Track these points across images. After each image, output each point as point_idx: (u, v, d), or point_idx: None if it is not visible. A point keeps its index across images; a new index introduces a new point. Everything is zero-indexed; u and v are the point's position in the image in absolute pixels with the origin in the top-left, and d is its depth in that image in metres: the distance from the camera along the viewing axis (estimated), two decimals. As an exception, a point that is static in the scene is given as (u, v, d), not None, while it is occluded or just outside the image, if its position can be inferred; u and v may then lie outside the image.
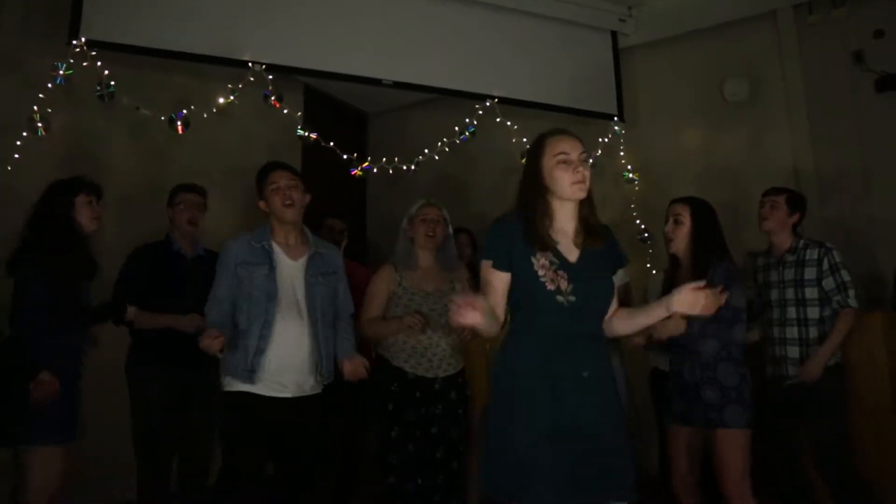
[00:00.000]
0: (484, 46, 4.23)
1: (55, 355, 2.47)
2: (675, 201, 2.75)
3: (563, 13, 4.40)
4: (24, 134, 3.11)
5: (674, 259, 2.74)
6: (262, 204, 2.67)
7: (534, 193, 1.96)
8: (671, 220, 2.70)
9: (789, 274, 2.97)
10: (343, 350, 2.69)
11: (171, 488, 3.11)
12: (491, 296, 1.91)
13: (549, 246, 1.91)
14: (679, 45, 4.62)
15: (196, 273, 3.03)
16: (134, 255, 3.13)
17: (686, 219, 2.66)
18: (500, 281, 1.92)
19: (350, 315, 2.80)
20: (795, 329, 2.93)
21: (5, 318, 2.51)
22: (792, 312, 2.94)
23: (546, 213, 1.94)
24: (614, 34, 4.62)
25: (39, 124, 3.12)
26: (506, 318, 1.99)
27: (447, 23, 4.15)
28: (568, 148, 1.95)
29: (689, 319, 2.47)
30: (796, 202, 3.05)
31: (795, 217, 3.03)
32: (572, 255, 1.95)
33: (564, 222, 1.98)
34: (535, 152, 1.99)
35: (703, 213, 2.68)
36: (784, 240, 3.03)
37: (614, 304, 2.05)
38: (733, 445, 2.46)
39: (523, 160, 2.20)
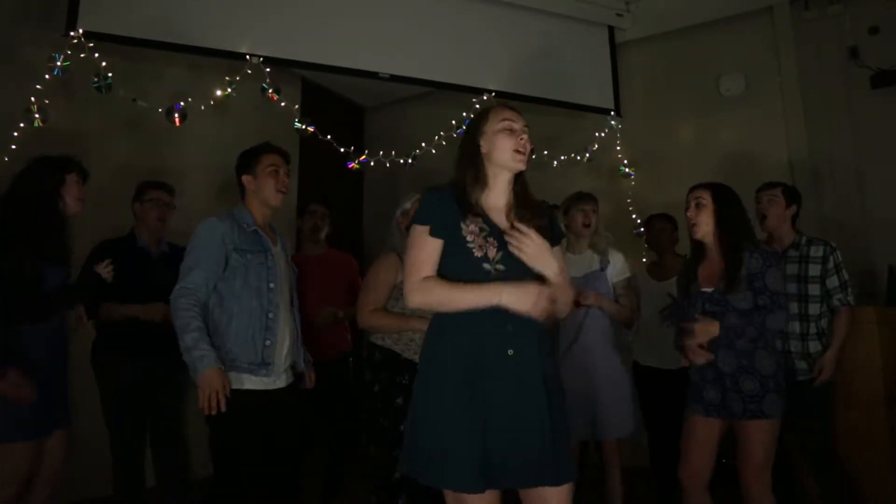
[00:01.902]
0: (481, 40, 4.23)
1: (14, 345, 2.33)
2: (695, 187, 2.66)
3: (560, 8, 4.40)
4: (22, 125, 3.11)
5: (698, 245, 2.65)
6: (247, 179, 2.52)
7: (470, 161, 1.91)
8: (692, 205, 2.60)
9: (792, 269, 2.94)
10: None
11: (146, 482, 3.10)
12: (425, 266, 1.83)
13: (479, 212, 1.86)
14: (675, 40, 4.63)
15: (161, 271, 2.98)
16: (97, 250, 3.03)
17: (707, 201, 2.57)
18: (433, 248, 1.84)
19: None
20: (797, 324, 2.90)
21: None
22: (794, 307, 2.90)
23: (479, 180, 1.89)
24: (611, 29, 4.63)
25: (37, 115, 3.12)
26: None
27: (444, 16, 4.15)
28: (513, 117, 1.93)
29: (724, 306, 2.45)
30: (792, 194, 3.03)
31: (793, 209, 3.01)
32: (501, 224, 1.89)
33: (497, 195, 1.92)
34: (477, 120, 1.97)
35: (724, 195, 2.59)
36: (785, 234, 3.00)
37: None
38: (765, 436, 2.40)
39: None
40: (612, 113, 4.48)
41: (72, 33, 3.22)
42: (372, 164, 3.98)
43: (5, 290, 2.29)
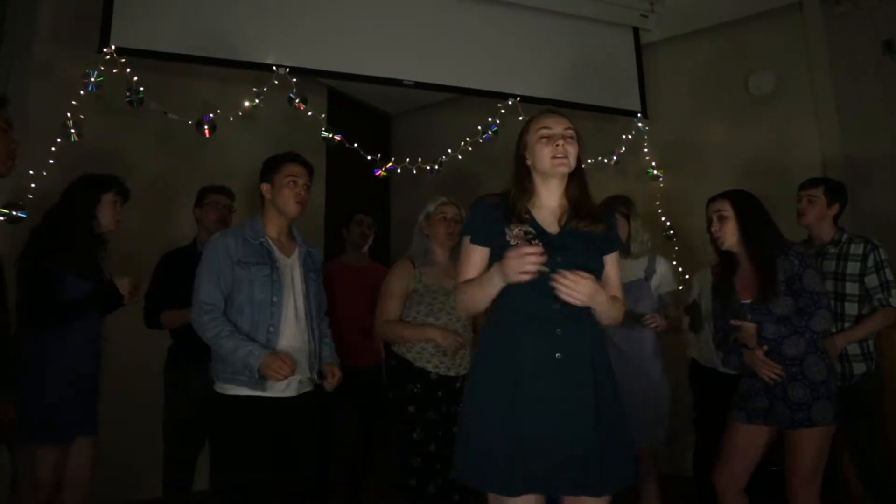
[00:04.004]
0: (505, 45, 4.23)
1: (49, 351, 2.45)
2: (713, 199, 2.63)
3: (584, 10, 4.38)
4: (59, 140, 3.19)
5: (729, 256, 2.61)
6: (265, 188, 2.51)
7: (519, 172, 1.97)
8: (714, 219, 2.57)
9: (829, 266, 2.86)
10: (326, 356, 2.59)
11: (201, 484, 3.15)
12: (469, 272, 1.91)
13: (522, 217, 1.88)
14: (702, 39, 4.58)
15: None
16: (162, 262, 3.19)
17: (729, 212, 2.54)
18: (478, 256, 1.92)
19: (325, 312, 2.70)
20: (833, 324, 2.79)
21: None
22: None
23: (526, 189, 1.94)
24: (636, 30, 4.59)
25: (72, 130, 3.19)
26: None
27: (468, 22, 4.15)
28: (550, 123, 1.94)
29: (765, 315, 2.42)
30: (835, 192, 2.93)
31: (835, 208, 2.92)
32: (552, 228, 1.90)
33: (548, 200, 1.95)
34: (522, 131, 2.01)
35: (745, 203, 2.56)
36: (825, 231, 2.92)
37: (608, 289, 1.95)
38: (814, 444, 2.34)
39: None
40: (639, 115, 4.44)
41: (105, 50, 3.29)
42: (399, 171, 3.99)
43: (27, 295, 2.44)
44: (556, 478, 1.74)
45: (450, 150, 4.06)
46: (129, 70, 3.34)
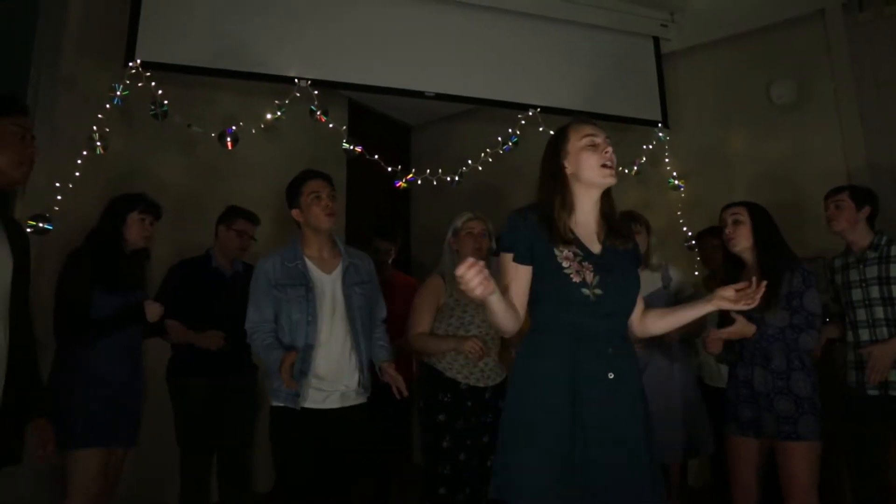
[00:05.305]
0: (525, 56, 4.24)
1: (87, 360, 2.58)
2: (729, 206, 2.70)
3: (604, 20, 4.38)
4: (85, 153, 3.24)
5: (735, 260, 2.67)
6: (295, 213, 2.64)
7: (555, 183, 1.86)
8: (730, 222, 2.64)
9: (872, 272, 2.81)
10: (379, 356, 2.68)
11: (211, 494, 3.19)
12: (511, 291, 1.80)
13: (569, 238, 1.80)
14: (723, 48, 4.55)
15: (234, 289, 3.10)
16: (174, 271, 3.23)
17: (745, 218, 2.61)
18: (521, 275, 1.81)
19: (382, 320, 2.79)
20: (885, 330, 2.74)
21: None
22: (879, 312, 2.76)
23: (565, 204, 1.84)
24: (656, 40, 4.58)
25: (98, 143, 3.25)
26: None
27: (489, 33, 4.17)
28: (594, 131, 1.87)
29: (759, 323, 2.45)
30: (862, 195, 2.91)
31: (866, 210, 2.88)
32: (595, 247, 1.85)
33: (586, 214, 1.87)
34: (559, 139, 1.91)
35: (761, 213, 2.64)
36: (861, 237, 2.88)
37: (640, 303, 1.98)
38: (805, 458, 2.38)
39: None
40: (660, 124, 4.42)
41: (130, 64, 3.35)
42: (419, 182, 4.00)
43: (57, 310, 2.60)
44: (612, 495, 1.70)
45: (470, 162, 4.07)
46: (153, 84, 3.40)
